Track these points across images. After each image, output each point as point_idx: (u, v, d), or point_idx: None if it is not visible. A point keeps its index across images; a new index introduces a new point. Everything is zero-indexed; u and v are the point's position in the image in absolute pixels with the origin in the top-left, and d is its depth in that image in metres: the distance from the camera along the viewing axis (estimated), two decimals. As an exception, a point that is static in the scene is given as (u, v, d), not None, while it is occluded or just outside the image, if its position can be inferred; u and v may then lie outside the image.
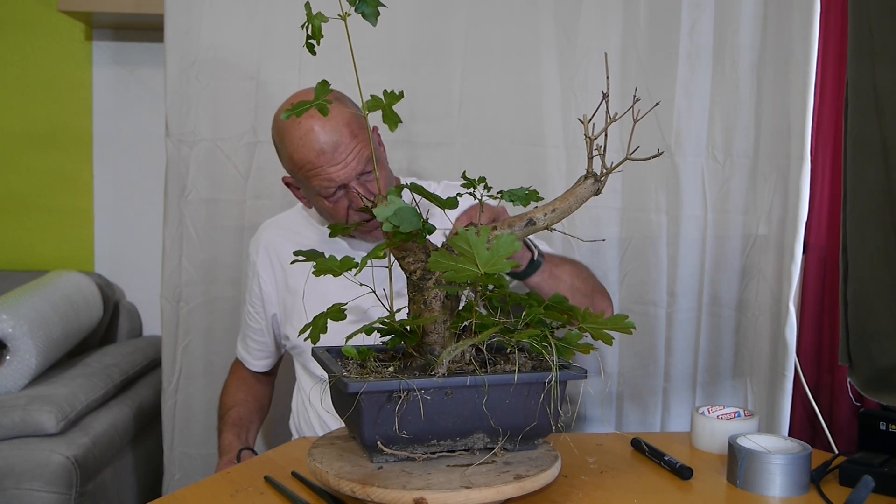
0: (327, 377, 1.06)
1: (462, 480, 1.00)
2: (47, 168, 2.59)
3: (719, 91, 1.95)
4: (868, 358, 1.55)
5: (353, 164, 1.45)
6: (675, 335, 2.00)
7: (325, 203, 1.50)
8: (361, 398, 0.99)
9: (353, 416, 1.02)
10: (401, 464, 1.06)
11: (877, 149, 1.50)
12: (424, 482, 1.00)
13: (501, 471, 1.04)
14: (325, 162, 1.44)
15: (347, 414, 1.03)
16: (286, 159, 1.51)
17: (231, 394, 1.75)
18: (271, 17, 1.95)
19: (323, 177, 1.45)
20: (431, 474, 1.02)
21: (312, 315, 1.13)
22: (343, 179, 1.46)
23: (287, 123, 1.46)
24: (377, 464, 1.05)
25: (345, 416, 1.06)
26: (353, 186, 1.46)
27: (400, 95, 1.07)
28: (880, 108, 1.49)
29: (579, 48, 1.97)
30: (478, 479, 1.01)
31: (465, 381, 1.02)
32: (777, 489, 1.15)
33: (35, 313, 2.02)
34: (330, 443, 1.15)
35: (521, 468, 1.06)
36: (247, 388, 1.75)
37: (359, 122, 1.47)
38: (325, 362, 1.09)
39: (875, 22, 1.49)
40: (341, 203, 1.49)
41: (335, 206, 1.50)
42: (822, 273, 1.94)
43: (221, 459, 1.58)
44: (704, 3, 1.93)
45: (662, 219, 1.99)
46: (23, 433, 1.83)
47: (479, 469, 1.05)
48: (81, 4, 2.31)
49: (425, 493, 0.97)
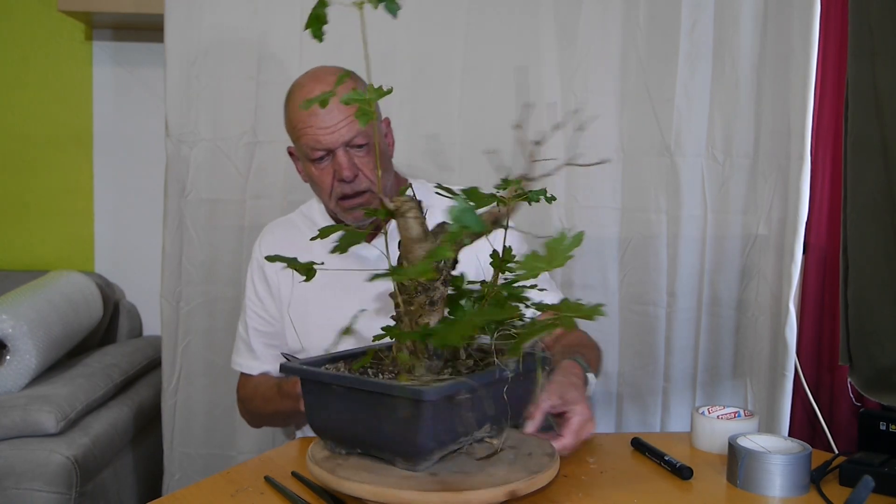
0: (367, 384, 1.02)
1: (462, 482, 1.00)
2: (47, 168, 2.59)
3: (719, 91, 1.95)
4: (868, 358, 1.55)
5: (343, 131, 1.46)
6: (675, 335, 2.00)
7: (312, 170, 1.51)
8: (427, 406, 0.97)
9: (410, 424, 0.99)
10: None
11: (877, 149, 1.50)
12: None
13: (500, 470, 1.04)
14: (315, 123, 1.46)
15: (400, 424, 1.00)
16: (286, 120, 1.54)
17: (250, 384, 1.64)
18: (271, 17, 1.96)
19: (310, 136, 1.47)
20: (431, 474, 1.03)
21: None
22: (329, 144, 1.47)
23: (293, 86, 1.53)
24: (426, 471, 1.03)
25: (393, 426, 1.01)
26: (339, 154, 1.47)
27: (389, 91, 1.06)
28: (880, 108, 1.49)
29: (579, 48, 1.97)
30: (477, 480, 1.01)
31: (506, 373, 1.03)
32: (777, 489, 1.15)
33: (35, 313, 2.02)
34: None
35: (522, 468, 1.06)
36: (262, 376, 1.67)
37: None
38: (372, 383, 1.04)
39: (875, 22, 1.49)
40: (327, 171, 1.50)
41: (321, 173, 1.50)
42: (822, 273, 1.95)
43: (291, 396, 1.43)
44: (704, 3, 1.93)
45: (662, 219, 1.99)
46: (23, 433, 1.83)
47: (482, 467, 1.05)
48: (81, 4, 2.31)
49: (425, 493, 0.97)
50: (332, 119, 1.46)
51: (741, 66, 1.93)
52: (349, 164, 1.47)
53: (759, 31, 1.92)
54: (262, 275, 1.64)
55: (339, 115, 1.46)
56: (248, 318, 1.65)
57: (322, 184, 1.52)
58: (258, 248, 1.66)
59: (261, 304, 1.64)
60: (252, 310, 1.65)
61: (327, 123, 1.46)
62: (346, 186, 1.48)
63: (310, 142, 1.48)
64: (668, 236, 1.99)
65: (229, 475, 1.23)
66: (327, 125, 1.46)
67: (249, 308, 1.65)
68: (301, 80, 1.53)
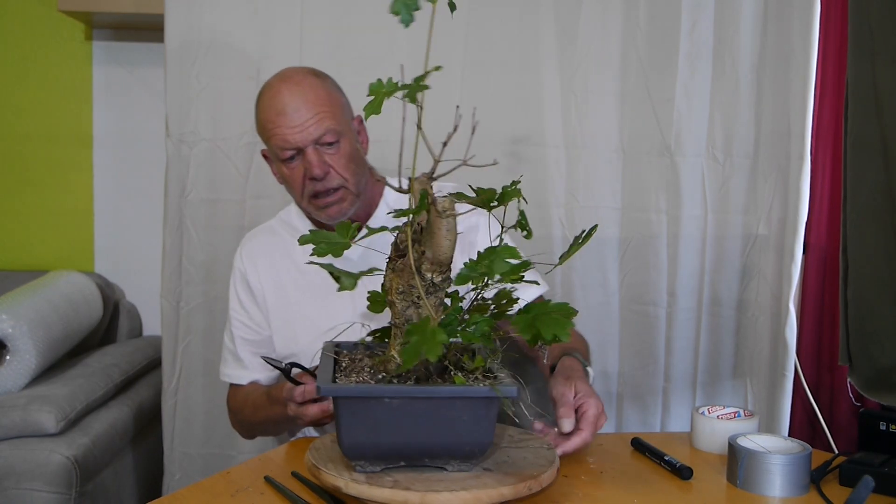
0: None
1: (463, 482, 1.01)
2: (47, 168, 2.59)
3: (719, 91, 1.95)
4: (868, 358, 1.55)
5: (312, 129, 1.46)
6: (675, 335, 2.00)
7: (284, 170, 1.52)
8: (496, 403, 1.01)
9: (480, 422, 1.02)
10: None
11: (877, 149, 1.50)
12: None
13: (493, 473, 1.04)
14: (284, 123, 1.46)
15: (467, 425, 1.02)
16: (256, 123, 1.54)
17: (240, 394, 1.64)
18: (271, 17, 1.96)
19: (279, 136, 1.47)
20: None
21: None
22: (298, 143, 1.47)
23: (263, 87, 1.53)
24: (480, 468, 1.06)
25: (459, 428, 1.03)
26: (308, 152, 1.47)
27: (423, 85, 1.08)
28: (880, 108, 1.49)
29: (579, 48, 1.97)
30: (478, 481, 1.01)
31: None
32: (777, 489, 1.15)
33: (35, 313, 2.02)
34: (332, 440, 1.15)
35: (522, 468, 1.06)
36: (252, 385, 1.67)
37: (330, 98, 1.50)
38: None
39: (875, 22, 1.49)
40: (297, 170, 1.49)
41: (292, 173, 1.50)
42: (822, 273, 1.95)
43: (279, 401, 1.43)
44: (704, 3, 1.93)
45: (662, 219, 1.99)
46: (23, 433, 1.83)
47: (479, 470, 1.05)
48: (81, 4, 2.31)
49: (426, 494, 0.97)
50: (300, 118, 1.46)
51: (741, 66, 1.93)
52: (319, 161, 1.47)
53: (759, 31, 1.92)
54: (244, 284, 1.63)
55: (306, 113, 1.46)
56: (233, 328, 1.64)
57: (294, 183, 1.52)
58: (239, 258, 1.65)
59: (246, 314, 1.63)
60: (237, 319, 1.64)
61: (295, 122, 1.46)
62: (318, 184, 1.48)
63: (279, 142, 1.48)
64: (668, 236, 1.99)
65: (229, 475, 1.23)
66: (295, 124, 1.46)
67: (234, 318, 1.64)
68: (269, 81, 1.53)
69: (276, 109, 1.47)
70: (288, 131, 1.46)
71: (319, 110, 1.47)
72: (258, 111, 1.53)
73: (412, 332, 0.97)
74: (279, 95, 1.47)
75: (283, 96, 1.47)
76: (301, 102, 1.46)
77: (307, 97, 1.47)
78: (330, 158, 1.48)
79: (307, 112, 1.46)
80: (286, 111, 1.46)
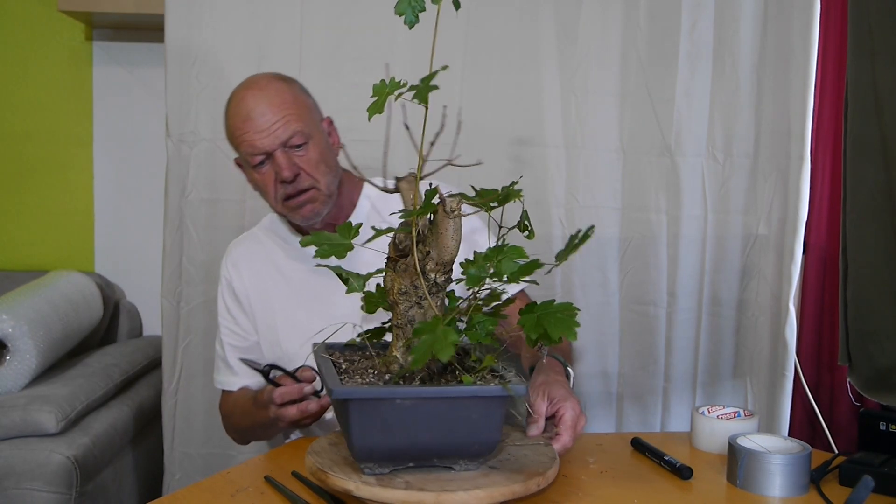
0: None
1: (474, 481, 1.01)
2: (47, 168, 2.59)
3: (719, 91, 1.95)
4: (868, 358, 1.55)
5: (279, 132, 1.46)
6: (675, 335, 2.00)
7: (255, 176, 1.52)
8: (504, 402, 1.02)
9: (489, 421, 1.03)
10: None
11: (877, 149, 1.50)
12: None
13: (500, 471, 1.04)
14: (250, 128, 1.47)
15: (478, 423, 1.03)
16: (226, 131, 1.55)
17: (230, 400, 1.66)
18: (271, 17, 1.95)
19: (247, 142, 1.48)
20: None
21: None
22: (265, 147, 1.47)
23: (230, 96, 1.53)
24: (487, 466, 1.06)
25: (472, 426, 1.04)
26: (277, 155, 1.47)
27: (433, 86, 1.10)
28: (880, 108, 1.49)
29: (579, 48, 1.97)
30: (488, 479, 1.01)
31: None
32: (777, 489, 1.15)
33: (35, 313, 2.02)
34: (330, 443, 1.15)
35: (526, 465, 1.06)
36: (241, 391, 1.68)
37: (296, 100, 1.50)
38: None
39: (875, 22, 1.49)
40: (268, 175, 1.50)
41: (263, 178, 1.51)
42: (822, 273, 1.95)
43: (262, 405, 1.43)
44: (704, 3, 1.93)
45: (662, 219, 1.99)
46: (23, 433, 1.83)
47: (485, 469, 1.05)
48: (81, 4, 2.31)
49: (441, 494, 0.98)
50: (266, 122, 1.46)
51: (741, 66, 1.93)
52: (288, 164, 1.47)
53: (759, 31, 1.92)
54: (231, 292, 1.64)
55: (272, 116, 1.47)
56: (222, 335, 1.66)
57: (266, 188, 1.52)
58: (225, 267, 1.66)
59: (234, 321, 1.65)
60: (226, 327, 1.65)
61: (262, 126, 1.46)
62: (289, 187, 1.48)
63: (247, 147, 1.49)
64: (668, 236, 1.99)
65: (229, 475, 1.23)
66: (262, 128, 1.46)
67: (223, 326, 1.66)
68: (235, 90, 1.53)
69: (242, 115, 1.48)
70: (255, 136, 1.47)
71: (286, 113, 1.47)
72: (226, 119, 1.53)
73: (421, 331, 0.96)
74: (244, 101, 1.48)
75: (248, 102, 1.48)
76: (266, 106, 1.47)
77: (272, 101, 1.48)
78: (299, 160, 1.49)
79: (273, 116, 1.47)
80: (252, 116, 1.47)
